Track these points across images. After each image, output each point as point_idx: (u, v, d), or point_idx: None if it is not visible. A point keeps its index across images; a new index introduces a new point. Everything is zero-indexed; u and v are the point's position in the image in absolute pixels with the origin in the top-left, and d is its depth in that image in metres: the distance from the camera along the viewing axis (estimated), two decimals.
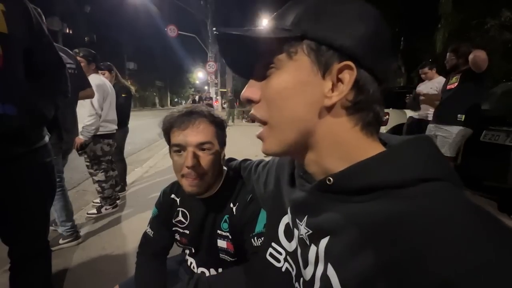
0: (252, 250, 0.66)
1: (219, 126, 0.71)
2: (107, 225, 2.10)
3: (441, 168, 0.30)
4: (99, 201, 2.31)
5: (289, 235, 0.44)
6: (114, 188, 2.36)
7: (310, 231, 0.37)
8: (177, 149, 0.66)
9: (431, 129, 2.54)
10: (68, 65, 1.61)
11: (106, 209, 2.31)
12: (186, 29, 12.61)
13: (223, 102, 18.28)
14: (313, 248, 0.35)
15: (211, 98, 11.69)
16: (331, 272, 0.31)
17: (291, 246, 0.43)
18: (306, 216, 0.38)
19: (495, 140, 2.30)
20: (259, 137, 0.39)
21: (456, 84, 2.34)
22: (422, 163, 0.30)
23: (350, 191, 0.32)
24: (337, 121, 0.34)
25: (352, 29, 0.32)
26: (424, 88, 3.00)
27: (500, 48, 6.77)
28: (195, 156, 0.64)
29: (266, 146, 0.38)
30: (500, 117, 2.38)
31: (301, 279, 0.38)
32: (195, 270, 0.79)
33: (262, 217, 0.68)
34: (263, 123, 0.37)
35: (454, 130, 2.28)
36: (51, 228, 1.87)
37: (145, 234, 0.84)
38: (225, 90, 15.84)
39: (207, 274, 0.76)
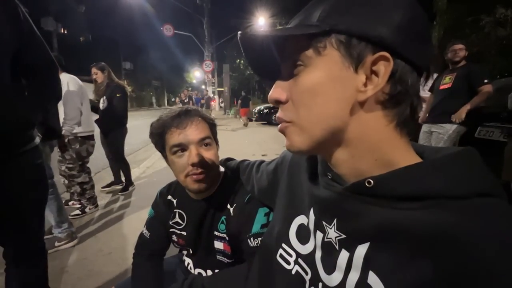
0: (248, 250, 0.66)
1: (212, 125, 0.73)
2: (104, 226, 2.09)
3: (494, 185, 0.29)
4: (79, 202, 2.30)
5: (303, 237, 0.42)
6: (94, 188, 2.37)
7: (343, 236, 0.34)
8: (177, 149, 0.66)
9: (426, 125, 2.56)
10: None
11: (89, 208, 2.31)
12: (182, 28, 12.55)
13: (220, 101, 18.22)
14: (344, 254, 0.33)
15: (209, 98, 11.58)
16: (375, 281, 0.29)
17: (306, 248, 0.40)
18: (336, 219, 0.36)
19: (490, 136, 2.32)
20: (282, 131, 0.36)
21: (450, 84, 2.35)
22: (478, 177, 0.29)
23: (393, 197, 0.30)
24: (371, 117, 0.32)
25: (387, 17, 0.30)
26: None
27: (494, 44, 6.83)
28: (199, 153, 0.65)
29: (291, 142, 0.36)
30: (494, 113, 2.40)
31: (320, 284, 0.36)
32: (192, 271, 0.78)
33: (259, 218, 0.67)
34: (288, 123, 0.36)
35: (449, 127, 2.31)
36: (49, 236, 1.86)
37: (141, 235, 0.84)
38: (222, 89, 15.81)
39: (204, 275, 0.76)
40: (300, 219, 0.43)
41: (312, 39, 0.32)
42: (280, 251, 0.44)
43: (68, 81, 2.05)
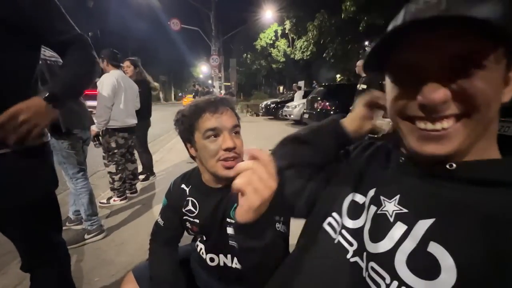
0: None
1: (237, 116, 0.76)
2: (116, 218, 2.15)
3: None
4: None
5: (354, 213, 0.44)
6: (125, 181, 2.44)
7: (404, 210, 0.37)
8: (212, 134, 0.68)
9: None
10: (55, 58, 1.57)
11: (114, 200, 2.39)
12: (189, 22, 12.51)
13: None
14: (399, 225, 0.36)
15: (208, 93, 11.33)
16: (438, 249, 0.32)
17: (356, 223, 0.43)
18: (398, 196, 0.39)
19: (505, 131, 2.25)
20: (444, 135, 0.34)
21: None
22: None
23: (471, 181, 0.34)
24: (496, 115, 0.35)
25: None
26: None
27: None
28: (232, 138, 0.68)
29: (452, 146, 0.34)
30: (510, 108, 2.32)
31: (364, 253, 0.39)
32: (204, 256, 0.81)
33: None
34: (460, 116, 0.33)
35: None
36: (64, 227, 1.91)
37: (156, 223, 0.88)
38: (229, 84, 15.79)
39: (216, 260, 0.78)
40: (353, 197, 0.47)
41: (495, 44, 0.30)
42: (329, 219, 0.47)
43: (103, 80, 2.14)
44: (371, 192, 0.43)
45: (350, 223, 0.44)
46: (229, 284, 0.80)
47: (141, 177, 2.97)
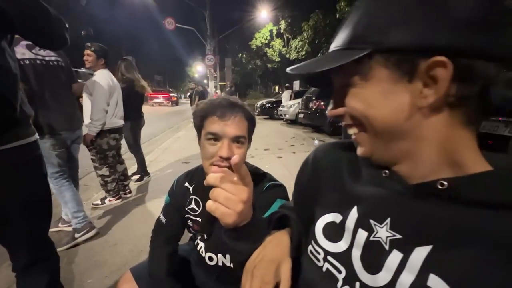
0: None
1: (251, 122, 0.74)
2: (109, 219, 2.13)
3: None
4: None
5: (333, 235, 0.40)
6: (117, 181, 2.41)
7: (398, 236, 0.33)
8: (212, 137, 0.67)
9: None
10: (53, 58, 1.56)
11: (109, 200, 2.36)
12: (184, 21, 12.42)
13: (222, 95, 18.10)
14: (396, 254, 0.32)
15: (202, 92, 10.95)
16: (438, 283, 0.28)
17: (338, 247, 0.39)
18: (389, 218, 0.34)
19: (494, 130, 2.30)
20: (356, 140, 0.39)
21: None
22: None
23: (466, 201, 0.29)
24: (437, 119, 0.30)
25: (440, 19, 0.27)
26: None
27: None
28: (230, 148, 0.66)
29: (362, 150, 0.38)
30: (499, 107, 2.37)
31: (357, 283, 0.35)
32: (203, 254, 0.81)
33: (275, 207, 0.68)
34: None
35: None
36: (57, 228, 1.90)
37: (158, 220, 0.88)
38: (225, 83, 15.75)
39: (215, 259, 0.79)
40: (328, 217, 0.42)
41: (358, 64, 0.32)
42: (310, 247, 0.44)
43: (98, 81, 2.06)
44: (354, 212, 0.39)
45: (332, 247, 0.40)
46: (227, 285, 0.80)
47: (136, 177, 2.94)
